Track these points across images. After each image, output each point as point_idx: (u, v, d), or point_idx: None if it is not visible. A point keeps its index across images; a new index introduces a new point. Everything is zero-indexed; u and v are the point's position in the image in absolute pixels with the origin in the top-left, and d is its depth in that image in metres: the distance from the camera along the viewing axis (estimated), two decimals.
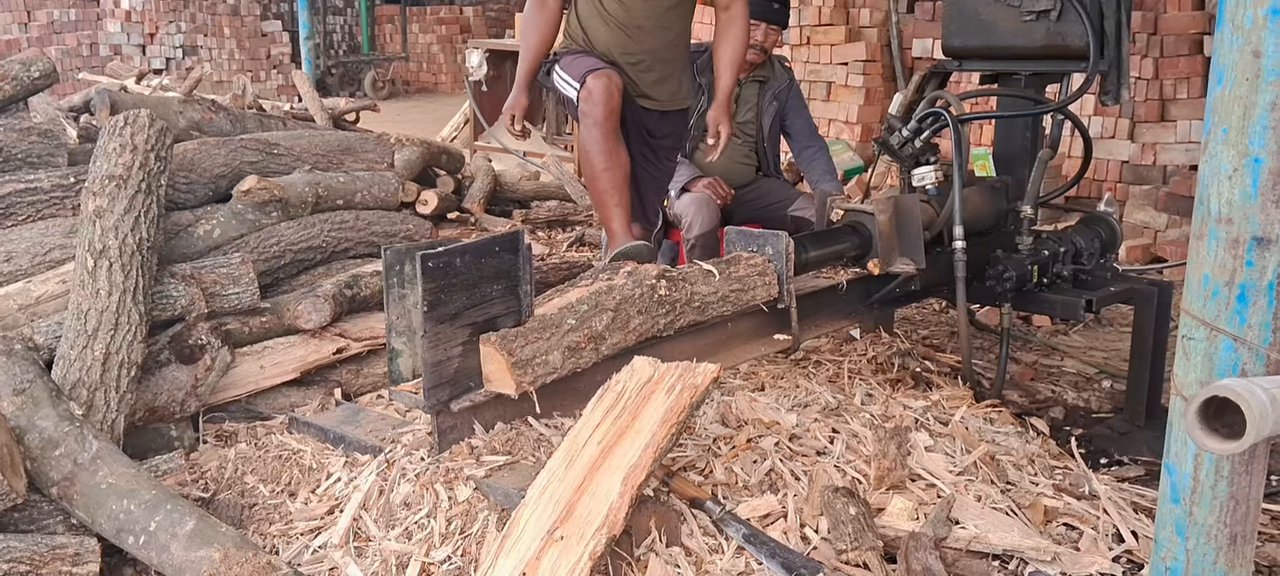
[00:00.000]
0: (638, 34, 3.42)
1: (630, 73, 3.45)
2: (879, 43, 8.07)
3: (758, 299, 2.97)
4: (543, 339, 2.43)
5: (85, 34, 14.81)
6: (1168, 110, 6.52)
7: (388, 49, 18.62)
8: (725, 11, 3.53)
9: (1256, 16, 1.36)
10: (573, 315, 2.52)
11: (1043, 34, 3.35)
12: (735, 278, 2.90)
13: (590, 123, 3.26)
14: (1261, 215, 1.40)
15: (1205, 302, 1.46)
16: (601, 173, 3.25)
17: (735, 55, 3.54)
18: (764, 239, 3.04)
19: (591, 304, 2.57)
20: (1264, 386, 1.20)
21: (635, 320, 2.64)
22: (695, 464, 2.45)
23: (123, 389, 2.60)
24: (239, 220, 3.34)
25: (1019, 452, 2.84)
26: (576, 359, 2.50)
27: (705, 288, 2.82)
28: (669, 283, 2.74)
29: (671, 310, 2.73)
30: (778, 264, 2.99)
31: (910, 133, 3.42)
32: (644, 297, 2.67)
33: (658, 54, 3.47)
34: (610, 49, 3.43)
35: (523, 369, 2.38)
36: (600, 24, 3.42)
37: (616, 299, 2.61)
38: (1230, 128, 1.41)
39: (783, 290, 3.01)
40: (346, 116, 6.71)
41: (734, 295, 2.89)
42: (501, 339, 2.38)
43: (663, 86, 3.51)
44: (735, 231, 3.13)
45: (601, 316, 2.55)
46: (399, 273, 2.54)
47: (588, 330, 2.52)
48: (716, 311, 2.86)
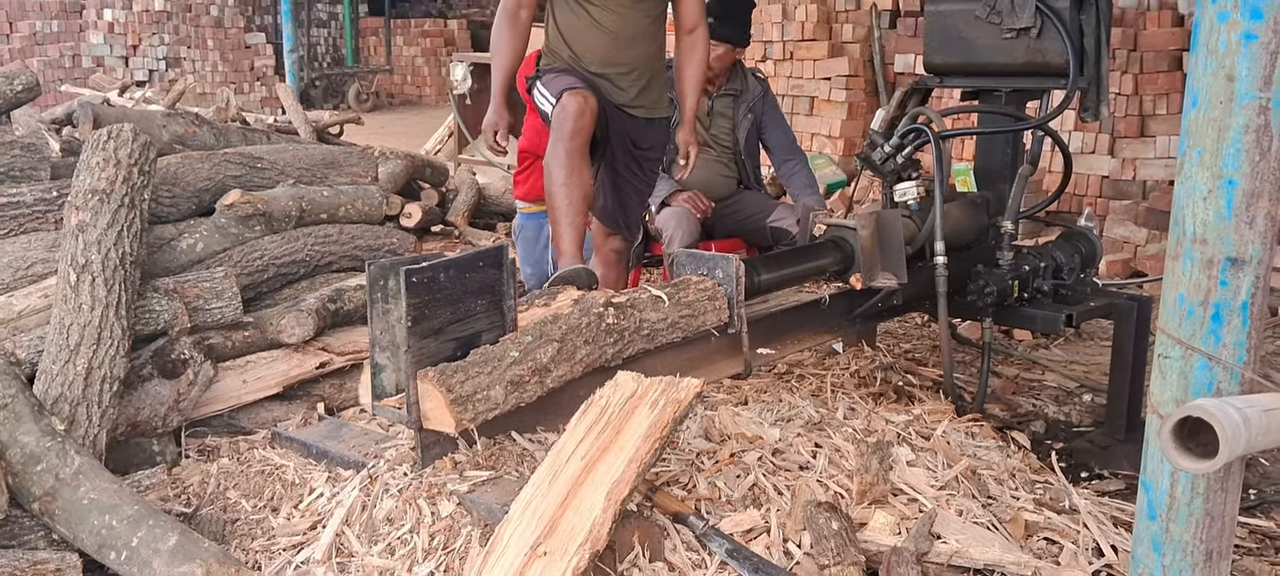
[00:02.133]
0: (630, 43, 3.43)
1: (620, 82, 3.46)
2: (862, 58, 8.11)
3: (708, 324, 2.88)
4: (484, 373, 2.34)
5: (67, 45, 14.74)
6: (1147, 125, 6.58)
7: (372, 61, 18.60)
8: (688, 35, 3.56)
9: (1230, 41, 1.39)
10: (516, 347, 2.43)
11: (1023, 51, 3.38)
12: (685, 303, 2.82)
13: (557, 138, 3.26)
14: (1235, 236, 1.43)
15: (1181, 322, 1.48)
16: (559, 188, 3.23)
17: (699, 77, 3.59)
18: (714, 262, 2.96)
19: (536, 335, 2.48)
20: (1237, 405, 1.21)
21: (582, 350, 2.55)
22: (678, 478, 2.46)
23: (105, 404, 2.59)
24: (222, 234, 3.34)
25: (1000, 467, 2.86)
26: (520, 393, 2.41)
27: (654, 314, 2.73)
28: (617, 311, 2.65)
29: (620, 339, 2.65)
30: (728, 287, 2.91)
31: (892, 149, 3.45)
32: (591, 327, 2.58)
33: (646, 62, 3.49)
34: (600, 61, 3.43)
35: (463, 405, 2.29)
36: (592, 36, 3.42)
37: (562, 329, 2.52)
38: (1205, 150, 1.44)
39: (733, 314, 2.93)
40: (331, 129, 6.71)
41: (684, 321, 2.80)
42: (440, 374, 2.29)
43: (649, 93, 3.54)
44: (685, 254, 3.05)
45: (546, 348, 2.46)
46: (383, 287, 2.54)
47: (532, 362, 2.43)
48: (666, 338, 2.77)
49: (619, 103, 3.49)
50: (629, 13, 3.41)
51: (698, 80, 3.59)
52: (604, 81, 3.46)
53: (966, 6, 3.48)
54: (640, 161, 3.63)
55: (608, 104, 3.48)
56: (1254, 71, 1.39)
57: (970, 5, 3.46)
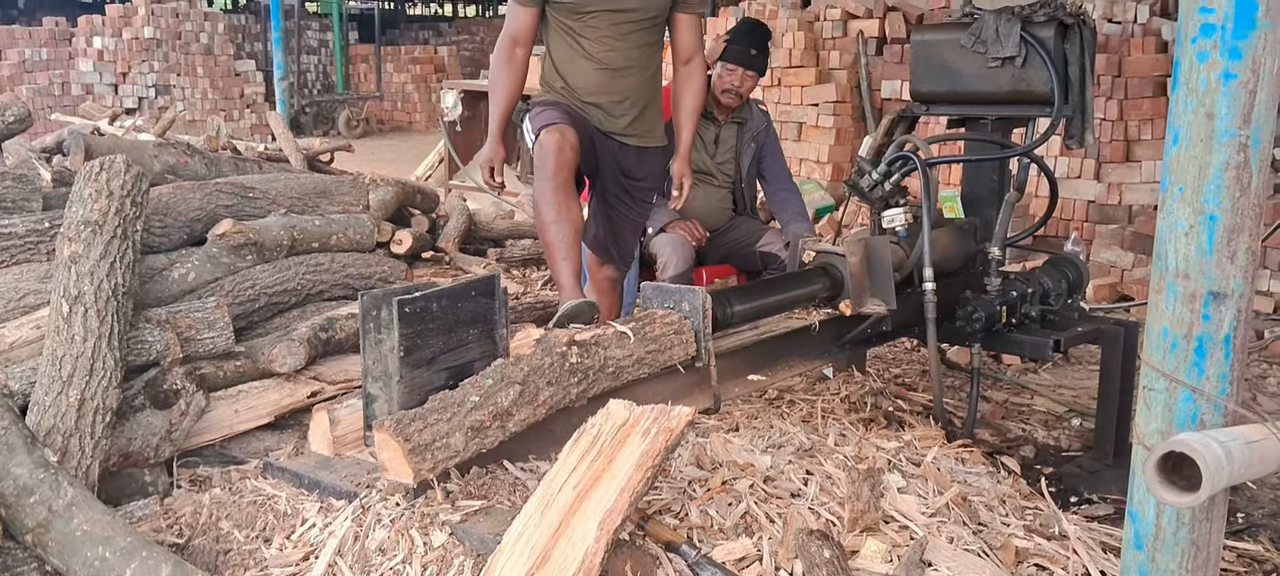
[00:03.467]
0: (620, 73, 3.47)
1: (613, 111, 3.49)
2: (849, 84, 8.18)
3: (675, 359, 2.82)
4: (443, 420, 2.31)
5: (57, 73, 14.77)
6: (1132, 150, 6.64)
7: (362, 88, 18.65)
8: (685, 66, 3.60)
9: (1210, 80, 1.42)
10: (476, 391, 2.39)
11: (1008, 79, 3.42)
12: (650, 338, 2.77)
13: (541, 176, 3.28)
14: (1217, 271, 1.45)
15: (1165, 355, 1.50)
16: (550, 225, 3.25)
17: (695, 108, 3.63)
18: (680, 295, 2.91)
19: (497, 377, 2.43)
20: (1220, 439, 1.24)
21: (545, 392, 2.50)
22: (670, 507, 2.47)
23: (97, 435, 2.59)
24: (214, 264, 3.34)
25: (990, 493, 2.87)
26: (481, 439, 2.37)
27: (619, 351, 2.69)
28: (581, 349, 2.60)
29: (584, 378, 2.60)
30: (695, 321, 2.86)
31: (880, 175, 3.48)
32: (553, 367, 2.53)
33: (638, 92, 3.52)
34: (592, 91, 3.47)
35: (421, 455, 2.25)
36: (582, 67, 3.46)
37: (524, 371, 2.47)
38: (1186, 186, 1.47)
39: (701, 348, 2.88)
40: (321, 157, 6.73)
41: (650, 357, 2.75)
42: (397, 424, 2.25)
43: (642, 123, 3.56)
44: (651, 287, 3.00)
45: (507, 391, 2.42)
46: (375, 317, 2.55)
47: (493, 407, 2.39)
48: (632, 375, 2.72)
49: (610, 131, 3.52)
50: (619, 44, 3.44)
51: (694, 110, 3.62)
52: (596, 110, 3.49)
53: (952, 36, 3.52)
54: (632, 191, 3.66)
55: (597, 133, 3.51)
56: (1233, 110, 1.42)
57: (956, 35, 3.50)
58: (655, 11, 3.47)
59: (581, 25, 3.43)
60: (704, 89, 3.66)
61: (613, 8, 3.41)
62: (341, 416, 2.63)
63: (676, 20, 3.55)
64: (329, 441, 2.56)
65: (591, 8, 3.40)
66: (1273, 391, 4.44)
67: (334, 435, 2.58)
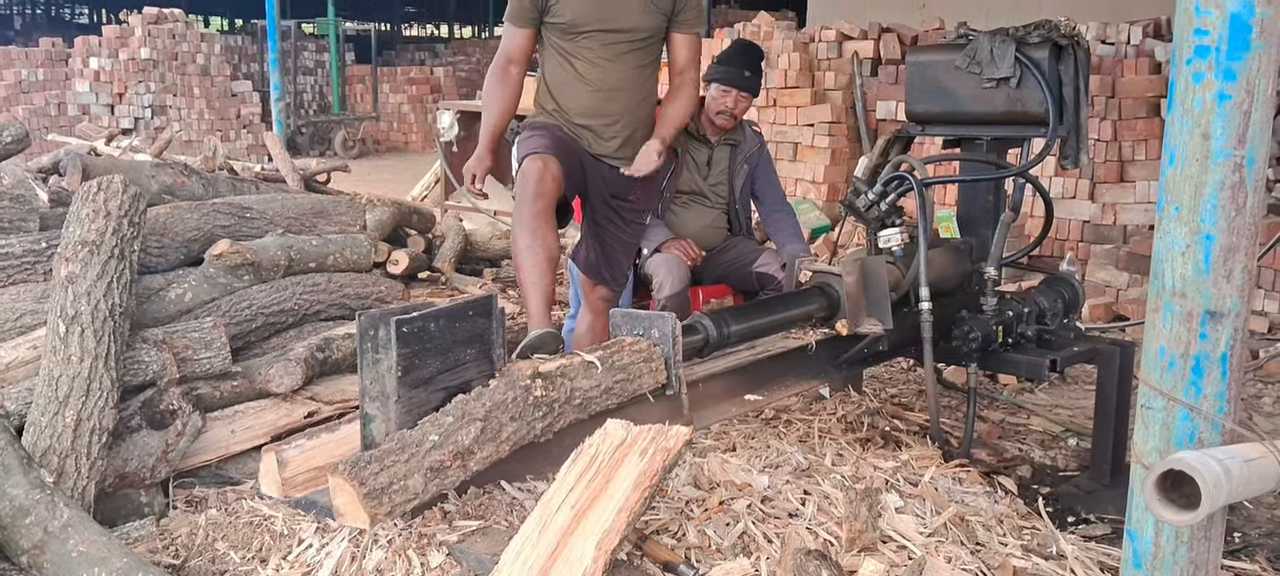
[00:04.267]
0: (612, 94, 3.49)
1: (604, 133, 3.51)
2: (844, 105, 8.21)
3: (644, 387, 2.73)
4: (401, 462, 2.23)
5: (53, 94, 14.78)
6: (1127, 171, 6.67)
7: (358, 109, 18.68)
8: (679, 76, 3.65)
9: (1205, 101, 1.43)
10: (436, 429, 2.31)
11: (1003, 100, 3.44)
12: (619, 367, 2.67)
13: (520, 203, 3.29)
14: (1213, 290, 1.46)
15: (1162, 373, 1.50)
16: (524, 250, 3.25)
17: (680, 114, 3.65)
18: (650, 321, 2.83)
19: (457, 414, 2.35)
20: (1218, 457, 1.24)
21: (508, 428, 2.41)
22: (668, 527, 2.46)
23: (93, 456, 2.59)
24: (211, 284, 3.34)
25: (988, 513, 2.87)
26: (442, 479, 2.29)
27: (587, 381, 2.59)
28: (545, 382, 2.50)
29: (549, 411, 2.50)
30: (665, 347, 2.78)
31: (876, 196, 3.49)
32: (517, 402, 2.43)
33: (630, 114, 3.54)
34: (583, 112, 3.49)
35: (377, 499, 2.17)
36: (575, 88, 3.48)
37: (486, 406, 2.38)
38: (1182, 206, 1.47)
39: (671, 376, 2.80)
40: (318, 177, 6.74)
41: (618, 386, 2.65)
42: (352, 468, 2.17)
43: (632, 145, 3.58)
44: (620, 313, 2.93)
45: (468, 429, 2.34)
46: (373, 337, 2.55)
47: (453, 446, 2.30)
48: (600, 406, 2.62)
49: (600, 153, 3.53)
50: (612, 65, 3.47)
51: (677, 116, 3.65)
52: (587, 132, 3.50)
53: (947, 57, 3.53)
54: (623, 213, 3.67)
55: (587, 156, 3.52)
56: (1229, 130, 1.43)
57: (951, 56, 3.51)
58: (648, 32, 3.49)
59: (575, 46, 3.45)
60: (693, 99, 3.69)
61: (606, 27, 3.43)
62: (291, 457, 2.52)
63: (673, 38, 3.59)
64: (278, 483, 2.46)
65: (585, 27, 3.42)
66: (1268, 410, 4.45)
67: (283, 476, 2.47)
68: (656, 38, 3.54)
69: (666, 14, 3.51)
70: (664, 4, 3.49)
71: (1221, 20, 1.41)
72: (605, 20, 3.42)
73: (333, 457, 2.46)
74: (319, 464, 2.49)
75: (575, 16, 3.40)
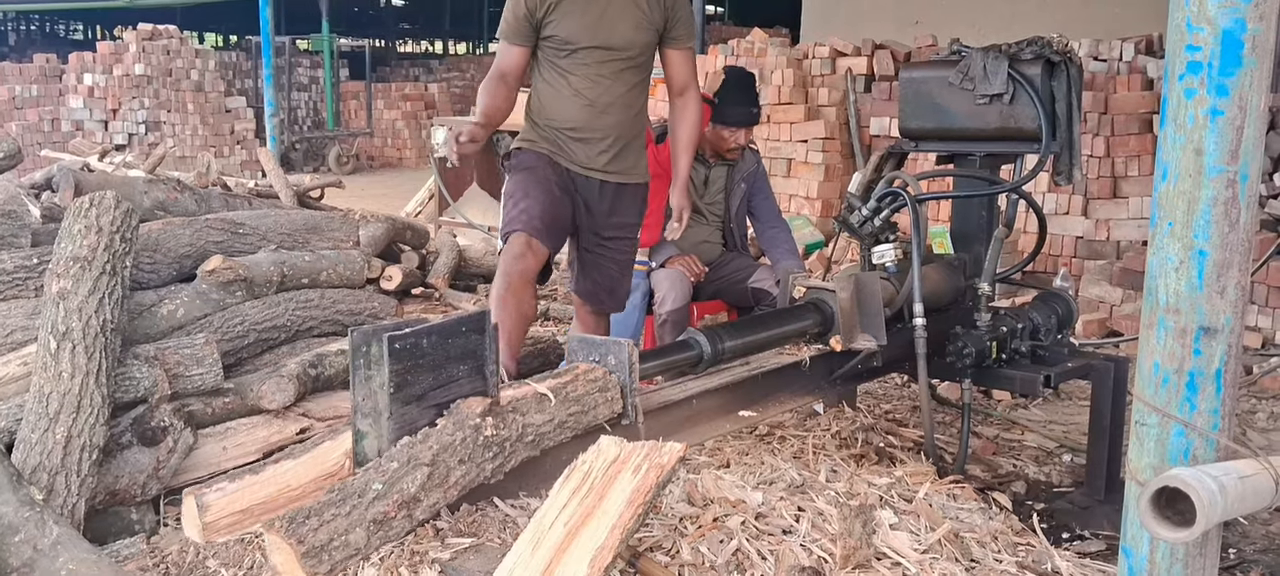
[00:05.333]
0: (604, 110, 3.49)
1: (593, 147, 3.51)
2: (838, 121, 8.23)
3: (600, 418, 2.64)
4: (342, 515, 2.14)
5: (47, 109, 14.78)
6: (1120, 187, 6.68)
7: (352, 124, 18.70)
8: (680, 97, 3.65)
9: (1197, 117, 1.43)
10: (380, 477, 2.20)
11: (996, 117, 3.44)
12: (573, 398, 2.59)
13: (501, 273, 3.36)
14: (1207, 305, 1.46)
15: (1156, 390, 1.50)
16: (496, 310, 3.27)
17: (691, 139, 3.67)
18: (605, 348, 2.73)
19: (403, 460, 2.25)
20: (1213, 474, 1.23)
21: (456, 472, 2.32)
22: (661, 544, 2.45)
23: (84, 473, 2.57)
24: (203, 300, 3.33)
25: (982, 529, 2.86)
26: (386, 531, 2.20)
27: (539, 417, 2.50)
28: (495, 420, 2.41)
29: (500, 451, 2.41)
30: (620, 375, 2.68)
31: (870, 211, 3.49)
32: (466, 443, 2.34)
33: (620, 130, 3.54)
34: (574, 125, 3.49)
35: (316, 557, 2.07)
36: (567, 103, 3.48)
37: (433, 449, 2.29)
38: (1176, 222, 1.47)
39: (628, 404, 2.71)
40: (312, 193, 6.73)
41: (572, 419, 2.57)
42: (289, 524, 2.07)
43: (621, 160, 3.57)
44: (577, 339, 2.86)
45: (414, 475, 2.24)
46: (365, 353, 2.54)
47: (398, 495, 2.21)
48: (554, 441, 2.54)
49: (589, 166, 3.52)
50: (608, 83, 3.47)
51: (690, 142, 3.66)
52: (578, 144, 3.50)
53: (940, 73, 3.54)
54: (614, 231, 3.63)
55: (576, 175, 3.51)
56: (1221, 145, 1.44)
57: (944, 72, 3.52)
58: (641, 49, 3.50)
59: (570, 62, 3.46)
60: (699, 120, 3.70)
61: (600, 44, 3.44)
62: (212, 501, 2.36)
63: (667, 55, 3.60)
64: (199, 528, 2.33)
65: (581, 44, 3.43)
66: (1262, 426, 4.45)
67: (204, 521, 2.34)
68: (648, 54, 3.55)
69: (659, 30, 3.52)
70: (656, 20, 3.50)
71: (1213, 36, 1.41)
72: (599, 37, 3.42)
73: (257, 500, 2.37)
74: (243, 507, 2.37)
75: (570, 34, 3.41)
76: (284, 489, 2.42)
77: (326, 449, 2.51)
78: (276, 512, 2.34)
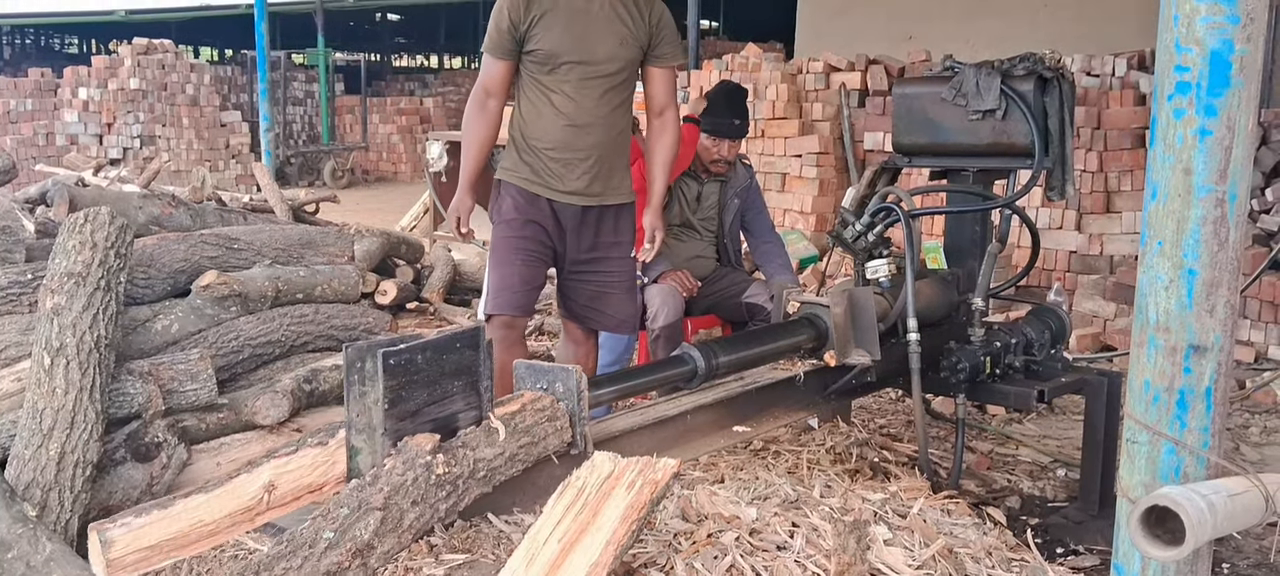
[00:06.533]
0: (587, 129, 3.46)
1: (573, 169, 3.48)
2: (831, 136, 8.25)
3: (550, 448, 2.59)
4: (294, 569, 2.07)
5: (42, 123, 14.77)
6: (1113, 201, 6.71)
7: (347, 139, 18.71)
8: (658, 117, 3.63)
9: (1186, 136, 1.44)
10: (330, 525, 2.13)
11: (989, 132, 3.45)
12: (522, 429, 2.54)
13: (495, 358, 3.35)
14: (1197, 324, 1.47)
15: (1147, 407, 1.51)
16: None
17: (668, 160, 3.65)
18: (553, 375, 2.66)
19: (353, 504, 2.18)
20: (1202, 492, 1.24)
21: (410, 515, 2.25)
22: (655, 560, 2.45)
23: (77, 489, 2.57)
24: (198, 315, 3.33)
25: (977, 545, 2.86)
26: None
27: (489, 450, 2.46)
28: (447, 457, 2.35)
29: (453, 490, 2.35)
30: (568, 403, 2.63)
31: (863, 227, 3.50)
32: (418, 482, 2.26)
33: (601, 149, 3.50)
34: (555, 146, 3.46)
35: None
36: (549, 121, 3.45)
37: (384, 492, 2.22)
38: (1165, 241, 1.48)
39: (577, 433, 2.66)
40: (306, 207, 6.74)
41: (523, 451, 2.52)
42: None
43: (602, 181, 3.54)
44: (524, 366, 2.76)
45: (366, 521, 2.17)
46: (360, 369, 2.54)
47: (351, 543, 2.14)
48: (506, 474, 2.51)
49: (570, 190, 3.49)
50: (587, 101, 3.44)
51: (666, 162, 3.65)
52: (557, 165, 3.47)
53: (933, 89, 3.56)
54: (603, 253, 3.61)
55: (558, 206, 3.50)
56: (1210, 165, 1.45)
57: (937, 88, 3.54)
58: (623, 65, 3.47)
59: (553, 79, 3.43)
60: (677, 141, 3.67)
61: (582, 60, 3.41)
62: (115, 537, 2.23)
63: (650, 73, 3.57)
64: (103, 565, 2.21)
65: (564, 60, 3.40)
66: (1255, 441, 4.46)
67: (108, 557, 2.22)
68: (632, 71, 3.52)
69: (643, 47, 3.50)
70: (641, 37, 3.48)
71: (1202, 57, 1.42)
72: (583, 52, 3.40)
73: (167, 535, 2.28)
74: (150, 542, 2.26)
75: (553, 48, 3.39)
76: (196, 524, 2.32)
77: (241, 483, 2.41)
78: (188, 549, 2.29)
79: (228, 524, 2.37)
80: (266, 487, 2.41)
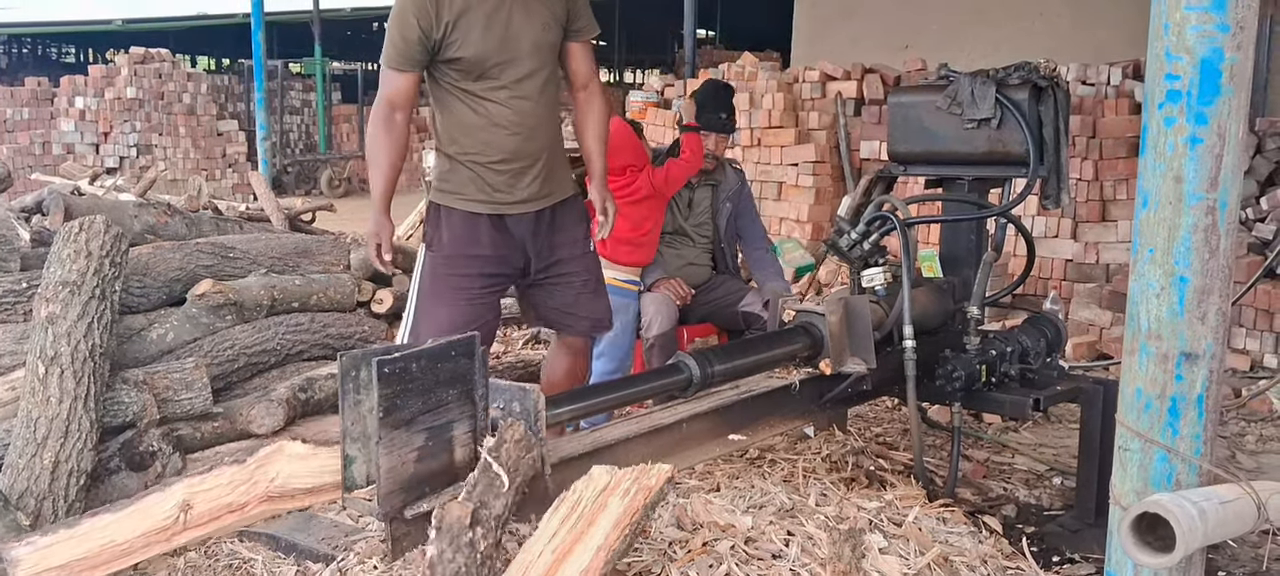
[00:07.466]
0: (532, 133, 3.28)
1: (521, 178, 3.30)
2: (828, 144, 8.26)
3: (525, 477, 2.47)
4: None
5: (38, 132, 14.77)
6: (1108, 210, 6.71)
7: (344, 148, 18.69)
8: (583, 91, 3.46)
9: (1177, 144, 1.45)
10: None
11: (984, 141, 3.46)
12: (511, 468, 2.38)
13: None
14: (1188, 331, 1.47)
15: (1139, 415, 1.51)
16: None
17: (601, 133, 3.48)
18: (511, 394, 2.59)
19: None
20: (1193, 499, 1.24)
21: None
22: (650, 569, 2.45)
23: (71, 498, 2.57)
24: (193, 324, 3.33)
25: (972, 553, 2.86)
26: None
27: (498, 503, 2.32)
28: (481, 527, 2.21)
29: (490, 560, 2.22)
30: (527, 422, 2.56)
31: (859, 235, 3.51)
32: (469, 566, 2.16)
33: (548, 150, 3.35)
34: (504, 155, 3.27)
35: None
36: (490, 133, 3.24)
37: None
38: (1157, 248, 1.49)
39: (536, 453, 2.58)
40: (303, 216, 6.73)
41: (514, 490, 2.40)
42: None
43: (551, 180, 3.38)
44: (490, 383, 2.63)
45: None
46: (355, 378, 2.54)
47: None
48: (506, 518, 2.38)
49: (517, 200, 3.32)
50: (531, 104, 3.25)
51: (601, 137, 3.48)
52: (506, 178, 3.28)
53: (929, 98, 3.56)
54: (563, 251, 3.46)
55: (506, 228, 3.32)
56: (1201, 173, 1.45)
57: (933, 97, 3.54)
58: (550, 51, 3.29)
59: (484, 88, 3.21)
60: (606, 113, 3.51)
61: (509, 59, 3.19)
62: (21, 556, 2.21)
63: (570, 49, 3.37)
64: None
65: (491, 62, 3.17)
66: (1251, 448, 4.46)
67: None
68: (556, 56, 3.34)
69: (563, 25, 3.30)
70: (560, 14, 3.28)
71: (1192, 65, 1.42)
72: (508, 50, 3.18)
73: (76, 555, 2.25)
74: (59, 562, 2.25)
75: (476, 53, 3.15)
76: (107, 544, 2.30)
77: (152, 502, 2.38)
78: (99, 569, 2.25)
79: (142, 543, 2.33)
80: (181, 507, 2.37)
